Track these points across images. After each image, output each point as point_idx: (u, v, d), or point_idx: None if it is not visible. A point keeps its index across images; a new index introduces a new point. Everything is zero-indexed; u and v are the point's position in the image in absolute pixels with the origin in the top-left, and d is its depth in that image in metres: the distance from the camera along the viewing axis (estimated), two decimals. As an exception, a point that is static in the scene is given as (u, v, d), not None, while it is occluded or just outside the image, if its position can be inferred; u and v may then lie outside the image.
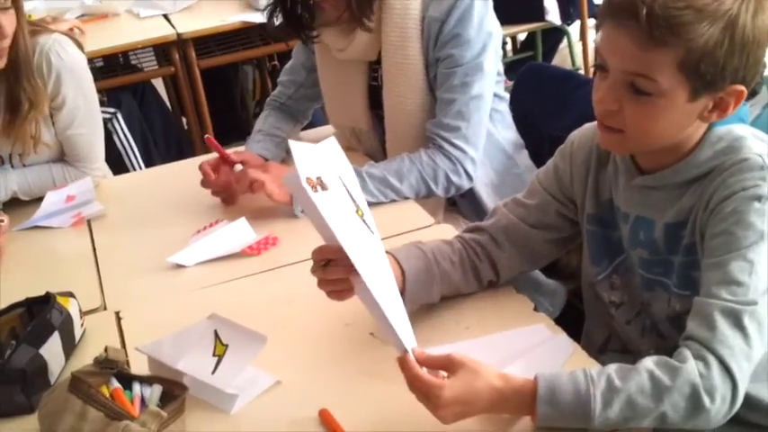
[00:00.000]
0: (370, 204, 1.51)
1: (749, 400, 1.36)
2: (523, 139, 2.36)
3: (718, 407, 1.25)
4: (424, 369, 1.31)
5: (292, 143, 1.33)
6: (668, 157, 1.43)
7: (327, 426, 1.36)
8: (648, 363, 1.27)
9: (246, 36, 4.03)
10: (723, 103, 1.37)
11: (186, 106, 4.07)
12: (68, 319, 1.61)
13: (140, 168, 3.55)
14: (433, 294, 1.60)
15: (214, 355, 1.46)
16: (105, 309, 1.80)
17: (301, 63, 2.42)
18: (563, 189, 1.64)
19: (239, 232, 1.98)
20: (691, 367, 1.25)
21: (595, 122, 1.58)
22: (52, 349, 1.54)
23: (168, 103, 4.39)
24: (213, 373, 1.44)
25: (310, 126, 2.61)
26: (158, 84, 4.33)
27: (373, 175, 2.03)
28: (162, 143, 3.95)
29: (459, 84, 2.09)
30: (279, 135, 2.36)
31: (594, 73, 1.42)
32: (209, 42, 4.03)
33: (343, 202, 1.35)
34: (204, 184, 2.16)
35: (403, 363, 1.31)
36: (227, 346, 1.46)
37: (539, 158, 2.24)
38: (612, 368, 1.28)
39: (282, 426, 1.40)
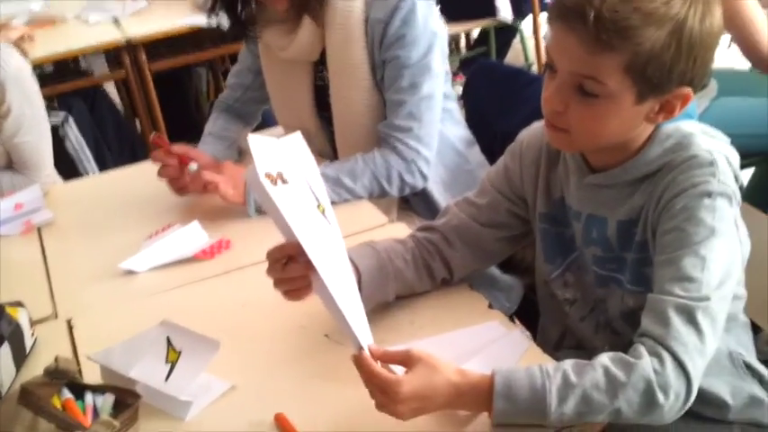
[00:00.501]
0: None
1: (703, 394, 1.38)
2: (476, 136, 2.36)
3: (672, 403, 1.26)
4: (381, 365, 1.31)
5: (251, 137, 1.31)
6: (618, 156, 1.44)
7: (284, 430, 1.35)
8: (604, 359, 1.28)
9: (197, 38, 4.00)
10: (669, 105, 1.37)
11: (139, 109, 4.05)
12: (18, 329, 1.58)
13: (94, 173, 3.51)
14: (388, 293, 1.60)
15: (167, 361, 1.45)
16: (56, 317, 1.77)
17: (248, 66, 2.41)
18: (513, 188, 1.64)
19: (192, 236, 1.96)
20: (645, 363, 1.26)
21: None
22: (1, 361, 1.52)
23: (121, 107, 4.36)
24: (166, 380, 1.43)
25: (263, 126, 2.60)
26: (110, 87, 4.30)
27: (327, 176, 2.02)
28: (115, 147, 3.92)
29: (407, 85, 2.08)
30: (229, 137, 2.36)
31: (544, 71, 1.43)
32: (159, 46, 4.00)
33: (302, 198, 1.34)
34: (163, 172, 2.11)
35: (358, 360, 1.30)
36: (179, 352, 1.45)
37: (491, 155, 2.25)
38: (569, 364, 1.29)
39: (239, 430, 1.39)
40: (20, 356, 1.58)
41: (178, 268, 1.89)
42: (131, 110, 4.32)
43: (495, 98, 2.40)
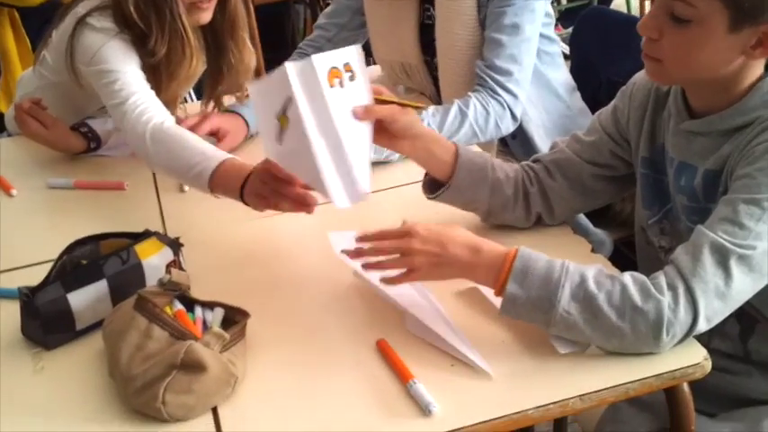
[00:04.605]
0: None
1: None
2: (582, 83, 2.35)
3: (670, 340, 1.27)
4: None
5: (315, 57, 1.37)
6: (718, 101, 1.42)
7: (385, 355, 1.38)
8: (627, 277, 1.28)
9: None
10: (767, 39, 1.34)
11: (239, 43, 4.06)
12: (132, 270, 1.52)
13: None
14: (477, 197, 1.63)
15: None
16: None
17: (346, 5, 2.39)
18: (620, 129, 1.64)
19: None
20: (663, 297, 1.25)
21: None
22: (89, 296, 1.48)
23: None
24: None
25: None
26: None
27: None
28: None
29: (509, 24, 2.08)
30: None
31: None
32: (261, -22, 4.02)
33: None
34: None
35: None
36: None
37: (596, 103, 2.22)
38: (590, 270, 1.30)
39: (340, 356, 1.41)
40: (122, 294, 1.52)
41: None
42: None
43: (602, 45, 2.38)
